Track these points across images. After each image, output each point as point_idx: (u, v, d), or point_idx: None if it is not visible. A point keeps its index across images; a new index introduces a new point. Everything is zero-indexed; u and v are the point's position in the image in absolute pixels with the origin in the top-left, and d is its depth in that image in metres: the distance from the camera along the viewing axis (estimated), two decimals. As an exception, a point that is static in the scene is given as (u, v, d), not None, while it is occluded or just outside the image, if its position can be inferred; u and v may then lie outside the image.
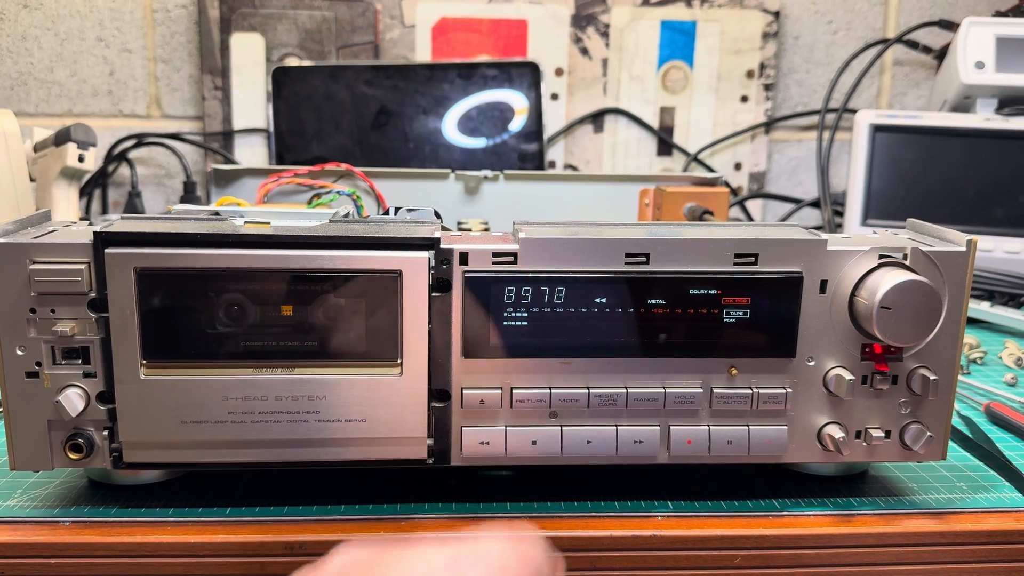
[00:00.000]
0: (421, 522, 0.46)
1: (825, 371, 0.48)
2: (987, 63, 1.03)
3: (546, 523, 0.47)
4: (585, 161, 1.23)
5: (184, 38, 1.17)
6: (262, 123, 1.17)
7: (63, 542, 0.44)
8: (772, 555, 0.47)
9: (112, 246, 0.43)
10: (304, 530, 0.45)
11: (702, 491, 0.50)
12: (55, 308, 0.44)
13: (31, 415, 0.45)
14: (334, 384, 0.45)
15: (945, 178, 1.02)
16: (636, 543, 0.46)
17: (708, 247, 0.46)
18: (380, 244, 0.45)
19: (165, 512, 0.47)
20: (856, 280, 0.46)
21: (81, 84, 1.17)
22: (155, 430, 0.45)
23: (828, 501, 0.49)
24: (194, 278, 0.44)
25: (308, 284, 0.45)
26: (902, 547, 0.47)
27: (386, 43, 1.17)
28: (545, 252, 0.45)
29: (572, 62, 1.20)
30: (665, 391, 0.47)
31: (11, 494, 0.48)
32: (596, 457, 0.47)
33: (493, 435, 0.47)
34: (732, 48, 1.20)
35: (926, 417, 0.48)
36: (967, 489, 0.51)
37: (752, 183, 1.24)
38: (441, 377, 0.46)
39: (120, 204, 1.19)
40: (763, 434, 0.48)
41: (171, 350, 0.44)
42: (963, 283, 0.47)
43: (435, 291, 0.45)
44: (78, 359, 0.45)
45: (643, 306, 0.46)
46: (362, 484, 0.50)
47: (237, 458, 0.46)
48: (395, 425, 0.46)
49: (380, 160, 1.15)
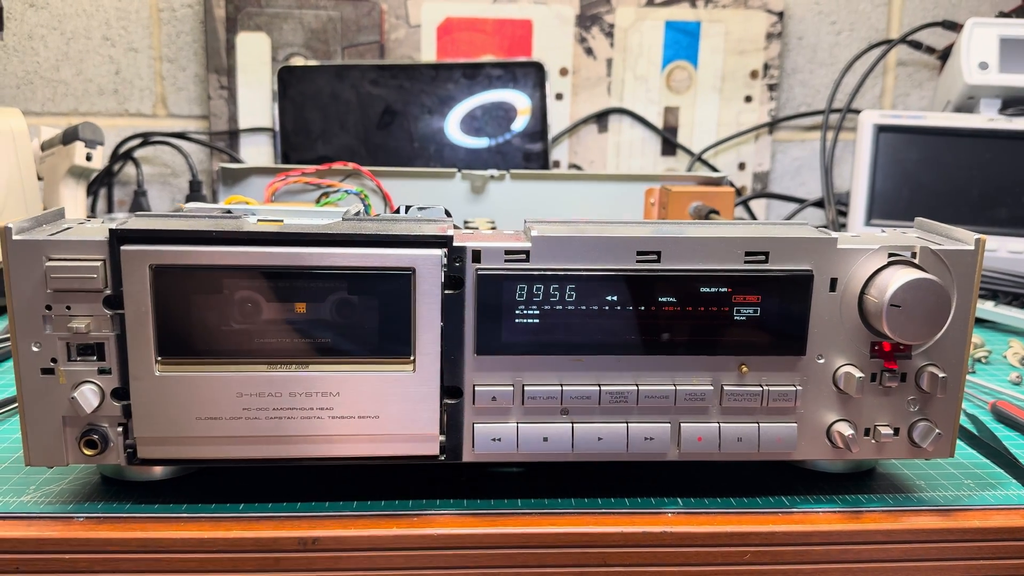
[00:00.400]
0: (433, 518, 0.47)
1: (835, 369, 0.48)
2: (991, 64, 1.04)
3: (557, 519, 0.47)
4: (589, 161, 1.23)
5: (190, 37, 1.18)
6: (268, 122, 1.17)
7: (77, 537, 0.45)
8: (781, 551, 0.47)
9: (128, 243, 0.44)
10: (317, 525, 0.46)
11: (712, 488, 0.51)
12: (71, 305, 0.44)
13: (46, 411, 0.45)
14: (347, 381, 0.46)
15: (949, 178, 1.02)
16: (646, 539, 0.46)
17: (719, 245, 0.46)
18: (393, 242, 0.45)
19: (178, 508, 0.47)
20: (866, 278, 0.47)
21: (87, 83, 1.18)
22: (169, 426, 0.45)
23: (837, 498, 0.50)
24: (209, 275, 0.44)
25: (322, 281, 0.45)
26: (910, 544, 0.47)
27: (391, 43, 1.17)
28: (557, 250, 0.46)
29: (577, 62, 1.20)
30: (676, 388, 0.47)
31: (25, 490, 0.49)
32: (607, 454, 0.48)
33: (505, 432, 0.47)
34: (736, 48, 1.20)
35: (934, 414, 0.49)
36: (974, 486, 0.51)
37: (756, 183, 1.25)
38: (453, 374, 0.47)
39: (126, 203, 1.19)
40: (773, 431, 0.48)
41: (186, 347, 0.45)
42: (972, 281, 0.47)
43: (448, 288, 0.46)
44: (93, 356, 0.45)
45: (654, 304, 0.46)
46: (374, 480, 0.50)
47: (250, 454, 0.46)
48: (407, 422, 0.46)
49: (385, 160, 1.15)
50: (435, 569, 0.46)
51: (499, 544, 0.46)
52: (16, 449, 0.54)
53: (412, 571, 0.46)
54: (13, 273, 0.44)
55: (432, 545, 0.46)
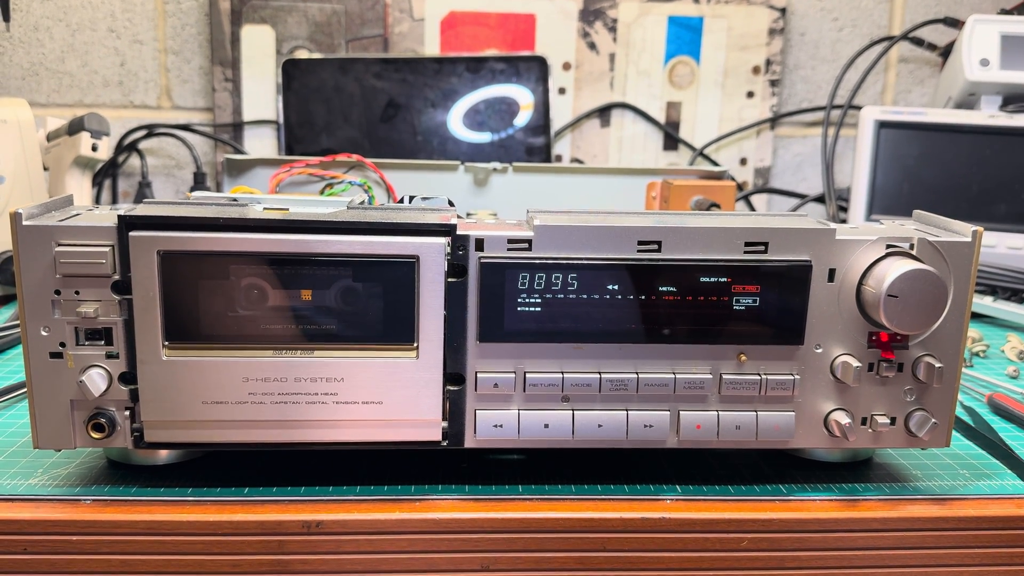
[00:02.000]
0: (435, 503, 0.47)
1: (832, 358, 0.48)
2: (992, 60, 1.04)
3: (557, 505, 0.48)
4: (592, 155, 1.24)
5: (195, 30, 1.18)
6: (272, 115, 1.18)
7: (84, 519, 0.45)
8: (778, 538, 0.48)
9: (136, 229, 0.44)
10: (321, 509, 0.46)
11: (710, 475, 0.51)
12: (79, 290, 0.45)
13: (54, 395, 0.46)
14: (351, 367, 0.46)
15: (949, 174, 1.03)
16: (645, 525, 0.47)
17: (719, 235, 0.47)
18: (398, 230, 0.46)
19: (184, 491, 0.48)
20: (864, 269, 0.47)
21: (92, 75, 1.18)
22: (176, 410, 0.46)
23: (833, 487, 0.50)
24: (216, 261, 0.45)
25: (327, 268, 0.45)
26: (906, 532, 0.48)
27: (395, 36, 1.18)
28: (559, 239, 0.46)
29: (580, 57, 1.20)
30: (675, 377, 0.48)
31: (33, 473, 0.49)
32: (607, 441, 0.48)
33: (506, 418, 0.48)
34: (738, 44, 1.21)
35: (931, 404, 0.49)
36: (970, 476, 0.52)
37: (757, 178, 1.25)
38: (456, 361, 0.47)
39: (130, 194, 1.20)
40: (771, 420, 0.49)
41: (192, 332, 0.45)
42: (968, 273, 0.48)
43: (451, 276, 0.46)
44: (101, 340, 0.46)
45: (654, 293, 0.47)
46: (378, 465, 0.51)
47: (256, 438, 0.47)
48: (410, 407, 0.47)
49: (388, 153, 1.15)
50: (437, 553, 0.47)
51: (500, 528, 0.47)
52: (24, 433, 0.55)
53: (414, 555, 0.47)
54: (23, 258, 0.44)
55: (434, 529, 0.46)
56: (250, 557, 0.46)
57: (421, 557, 0.47)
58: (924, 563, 0.48)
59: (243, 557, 0.46)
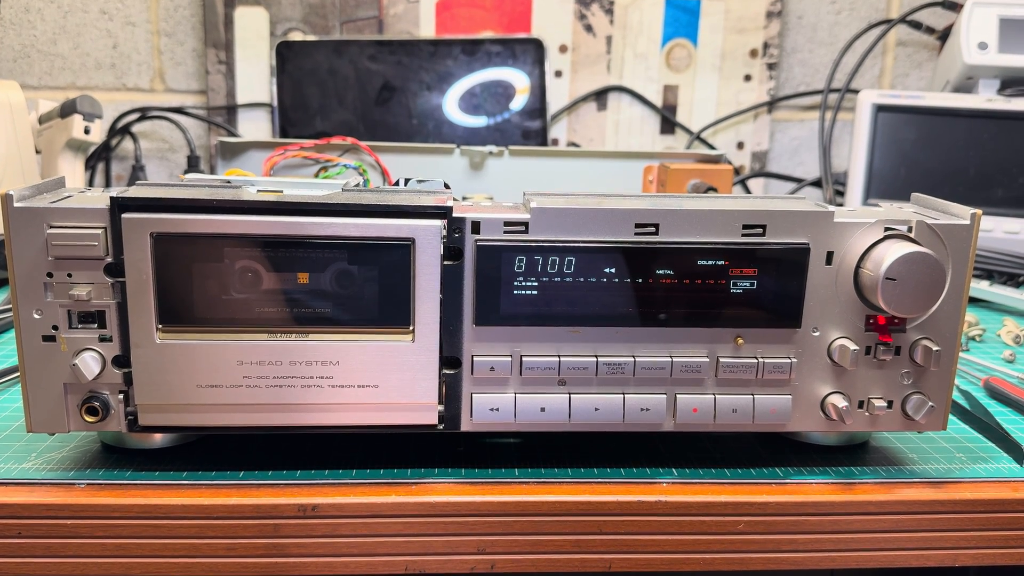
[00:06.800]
0: (431, 486, 0.47)
1: (829, 341, 0.48)
2: (990, 44, 1.04)
3: (553, 488, 0.47)
4: (588, 139, 1.23)
5: (188, 11, 1.17)
6: (266, 98, 1.17)
7: (78, 503, 0.45)
8: (774, 521, 0.48)
9: (129, 211, 0.44)
10: (316, 492, 0.46)
11: (706, 459, 0.51)
12: (72, 272, 0.45)
13: (48, 378, 0.46)
14: (347, 350, 0.46)
15: (946, 158, 1.03)
16: (641, 508, 0.47)
17: (717, 218, 0.46)
18: (393, 212, 0.45)
19: (179, 475, 0.48)
20: (862, 252, 0.47)
21: (84, 57, 1.17)
22: (170, 394, 0.46)
23: (830, 470, 0.50)
24: (210, 244, 0.44)
25: (322, 251, 0.45)
26: (902, 515, 0.48)
27: (390, 18, 1.17)
28: (556, 222, 0.46)
29: (576, 39, 1.20)
30: (672, 360, 0.48)
31: (27, 456, 0.49)
32: (603, 424, 0.48)
33: (503, 402, 0.48)
34: (736, 27, 1.20)
35: (928, 388, 0.49)
36: (966, 460, 0.52)
37: (754, 162, 1.25)
38: (452, 344, 0.47)
39: (123, 178, 1.19)
40: (768, 403, 0.48)
41: (186, 315, 0.45)
42: (966, 256, 0.48)
43: (447, 259, 0.46)
44: (94, 323, 0.45)
45: (651, 276, 0.47)
46: (373, 448, 0.51)
47: (250, 422, 0.47)
48: (406, 391, 0.47)
49: (383, 136, 1.15)
50: (433, 536, 0.47)
51: (496, 512, 0.47)
52: (17, 417, 0.54)
53: (410, 538, 0.46)
54: (15, 240, 0.44)
55: (430, 512, 0.46)
56: (245, 541, 0.46)
57: (417, 540, 0.47)
58: (920, 546, 0.48)
59: (238, 541, 0.46)
